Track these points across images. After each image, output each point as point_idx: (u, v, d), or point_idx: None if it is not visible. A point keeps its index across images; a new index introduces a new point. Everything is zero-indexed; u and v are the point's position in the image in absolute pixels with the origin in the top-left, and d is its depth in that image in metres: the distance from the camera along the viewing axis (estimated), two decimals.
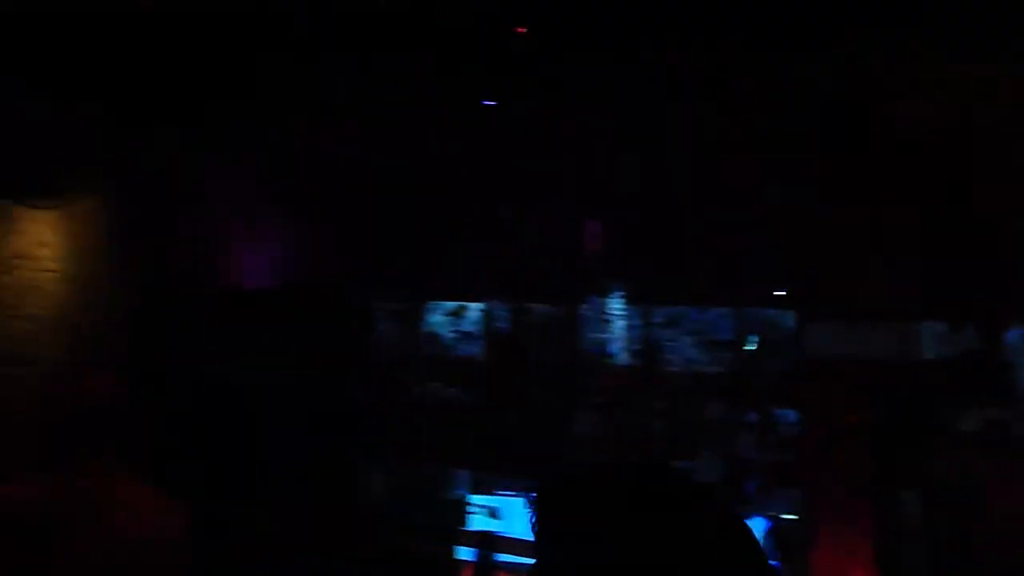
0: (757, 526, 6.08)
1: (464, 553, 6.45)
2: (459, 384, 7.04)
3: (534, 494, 1.47)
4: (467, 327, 7.12)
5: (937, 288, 5.43)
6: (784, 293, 5.96)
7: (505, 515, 6.29)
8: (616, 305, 6.57)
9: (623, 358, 6.49)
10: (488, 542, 6.26)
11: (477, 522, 6.47)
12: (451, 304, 7.12)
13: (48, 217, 7.80)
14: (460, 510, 6.56)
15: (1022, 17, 4.71)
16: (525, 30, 6.16)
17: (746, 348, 6.09)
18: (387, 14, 5.76)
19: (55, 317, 7.86)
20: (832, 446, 5.70)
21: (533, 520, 1.41)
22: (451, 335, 7.12)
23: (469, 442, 6.77)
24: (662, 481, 1.44)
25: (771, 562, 5.67)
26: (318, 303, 7.24)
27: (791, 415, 5.94)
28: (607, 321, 6.64)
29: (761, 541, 4.91)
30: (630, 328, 6.54)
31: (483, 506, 6.46)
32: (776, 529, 5.90)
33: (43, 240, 7.85)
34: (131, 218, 7.67)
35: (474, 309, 7.03)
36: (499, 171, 6.76)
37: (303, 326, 7.16)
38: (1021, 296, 5.19)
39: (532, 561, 1.37)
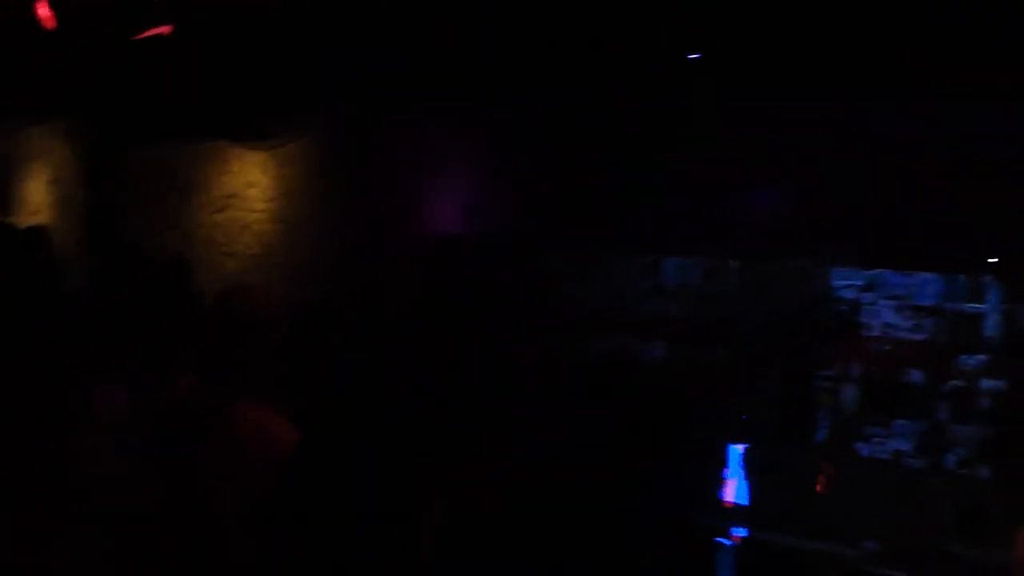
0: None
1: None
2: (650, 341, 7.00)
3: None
4: (661, 282, 7.05)
5: None
6: (996, 260, 5.69)
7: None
8: (814, 266, 6.41)
9: (819, 321, 6.34)
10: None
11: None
12: (645, 258, 7.05)
13: (257, 158, 8.16)
14: None
15: None
16: None
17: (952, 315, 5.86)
18: None
19: (262, 255, 8.25)
20: None
21: None
22: (645, 290, 7.07)
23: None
24: None
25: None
26: (509, 253, 7.31)
27: (996, 387, 5.70)
28: (805, 281, 6.49)
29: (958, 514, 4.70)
30: (828, 290, 6.37)
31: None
32: (972, 502, 5.70)
33: (252, 181, 8.22)
34: (336, 161, 7.89)
35: (668, 264, 6.96)
36: (699, 122, 6.65)
37: (495, 276, 7.23)
38: None
39: None
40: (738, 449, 6.25)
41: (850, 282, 6.33)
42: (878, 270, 6.21)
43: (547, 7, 6.39)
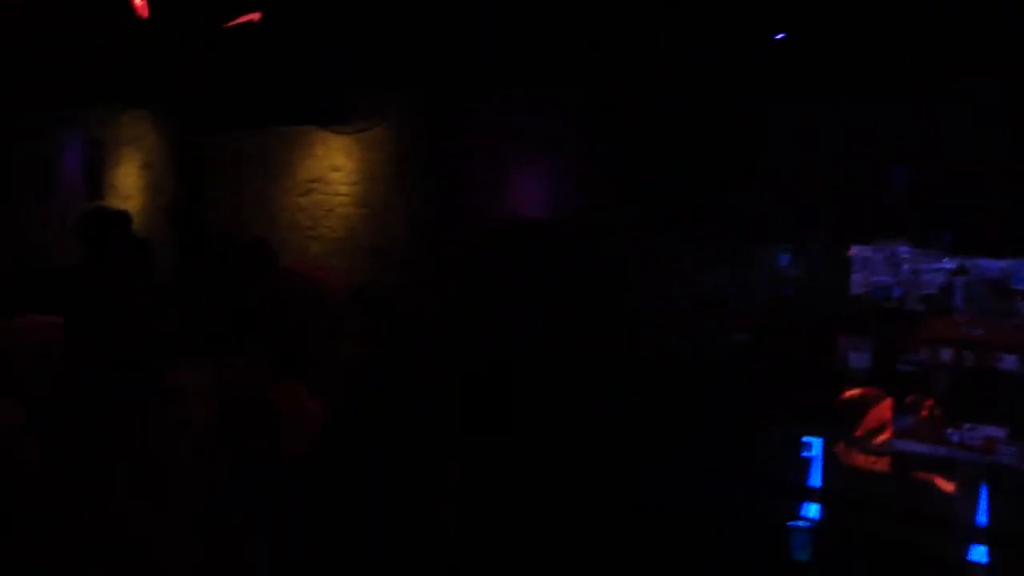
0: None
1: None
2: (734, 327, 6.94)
3: None
4: (750, 268, 6.97)
5: None
6: None
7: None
8: (909, 251, 6.30)
9: (912, 305, 6.24)
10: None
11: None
12: (736, 245, 6.97)
13: (341, 143, 8.24)
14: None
15: None
16: None
17: None
18: None
19: (346, 239, 8.34)
20: None
21: None
22: (723, 277, 7.00)
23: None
24: None
25: None
26: (589, 238, 7.29)
27: None
28: (899, 265, 6.38)
29: None
30: (922, 274, 6.26)
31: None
32: None
33: (336, 165, 8.31)
34: (419, 146, 7.93)
35: (747, 251, 6.88)
36: (791, 106, 6.56)
37: (576, 260, 7.22)
38: None
39: None
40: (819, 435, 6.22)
41: (941, 266, 6.22)
42: (970, 254, 6.09)
43: None
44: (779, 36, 6.42)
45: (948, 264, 6.24)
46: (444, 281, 7.47)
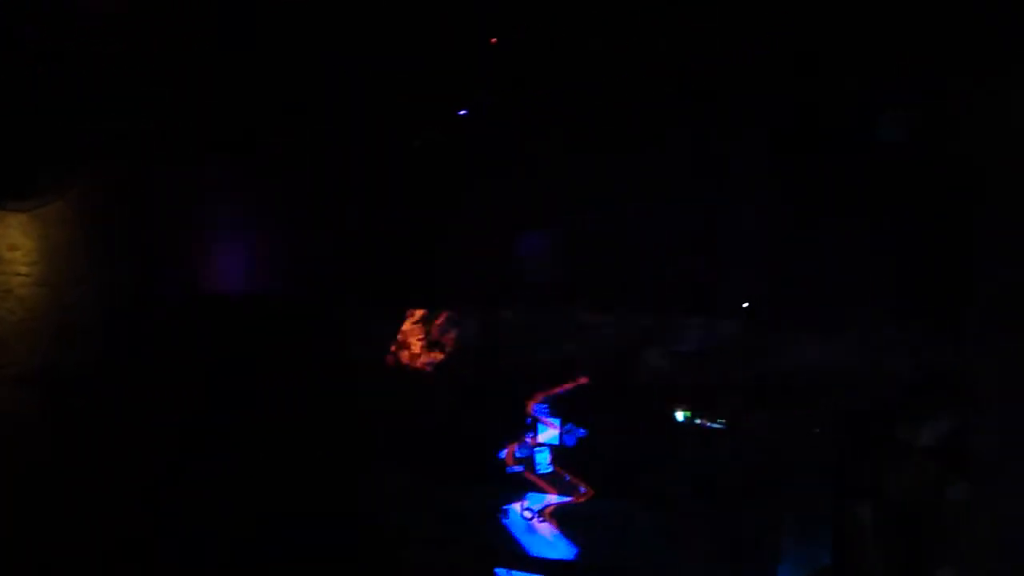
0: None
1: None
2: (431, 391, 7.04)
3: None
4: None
5: (898, 300, 5.48)
6: (747, 305, 5.99)
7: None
8: (584, 314, 6.59)
9: (589, 367, 6.52)
10: None
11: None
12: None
13: (19, 220, 7.81)
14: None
15: None
16: (495, 40, 6.22)
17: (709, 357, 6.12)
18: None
19: (28, 320, 7.87)
20: (794, 458, 5.73)
21: None
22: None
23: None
24: None
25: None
26: (295, 309, 7.26)
27: (754, 426, 5.97)
28: (576, 330, 6.65)
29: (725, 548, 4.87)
30: (598, 338, 6.56)
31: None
32: (747, 540, 5.92)
33: (14, 244, 7.85)
34: (103, 221, 7.65)
35: (445, 316, 7.03)
36: (464, 179, 6.79)
37: (280, 332, 7.17)
38: (980, 309, 5.24)
39: None
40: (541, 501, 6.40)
41: (624, 330, 6.52)
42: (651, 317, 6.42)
43: (331, 65, 6.43)
44: (462, 112, 6.67)
45: (624, 328, 6.57)
46: (134, 357, 7.24)
